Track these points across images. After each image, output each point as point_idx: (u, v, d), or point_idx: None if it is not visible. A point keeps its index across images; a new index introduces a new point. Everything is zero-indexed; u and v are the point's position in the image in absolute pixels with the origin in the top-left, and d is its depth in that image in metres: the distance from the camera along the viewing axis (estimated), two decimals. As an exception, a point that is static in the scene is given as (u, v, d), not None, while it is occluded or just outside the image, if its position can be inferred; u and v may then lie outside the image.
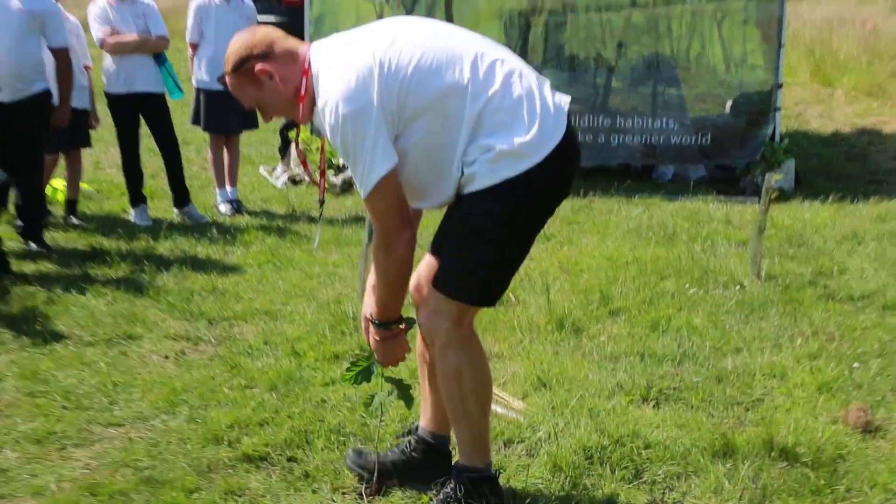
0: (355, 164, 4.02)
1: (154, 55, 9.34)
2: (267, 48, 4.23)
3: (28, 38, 8.14)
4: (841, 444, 5.09)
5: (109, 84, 9.31)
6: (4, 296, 7.40)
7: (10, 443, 5.20)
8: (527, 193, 4.14)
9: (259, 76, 4.23)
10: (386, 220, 4.06)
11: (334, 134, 4.01)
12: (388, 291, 4.21)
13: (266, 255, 8.31)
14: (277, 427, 5.29)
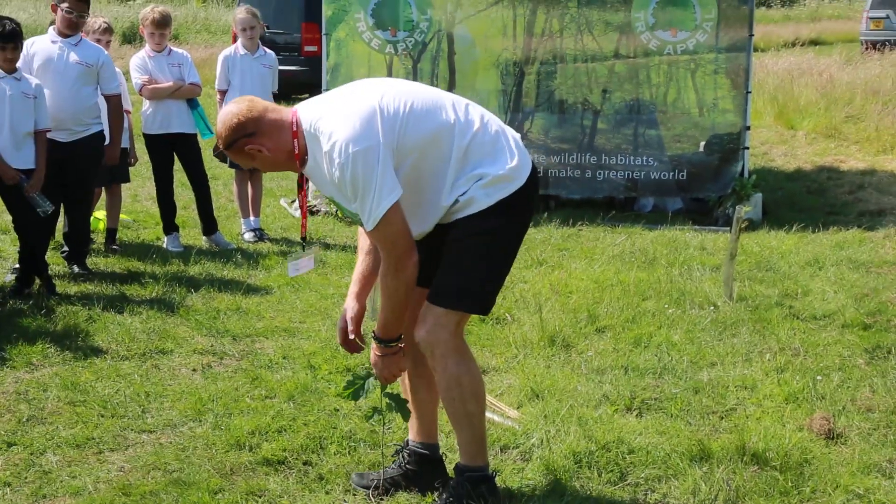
0: (364, 198, 4.04)
1: (187, 100, 9.37)
2: (253, 127, 4.22)
3: (84, 86, 8.28)
4: (806, 449, 5.09)
5: (147, 126, 9.34)
6: (50, 314, 7.40)
7: (53, 447, 5.22)
8: (517, 210, 4.30)
9: (250, 152, 4.26)
10: (397, 246, 4.09)
11: (343, 172, 4.03)
12: (393, 312, 4.23)
13: (285, 278, 8.27)
14: (294, 433, 5.30)
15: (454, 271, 4.30)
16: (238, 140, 4.23)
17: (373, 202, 4.01)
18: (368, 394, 4.62)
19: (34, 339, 6.83)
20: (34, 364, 6.43)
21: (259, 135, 4.22)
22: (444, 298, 4.28)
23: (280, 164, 4.41)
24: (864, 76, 19.65)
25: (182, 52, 9.63)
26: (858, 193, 11.86)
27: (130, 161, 9.54)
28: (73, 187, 8.27)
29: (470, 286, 4.30)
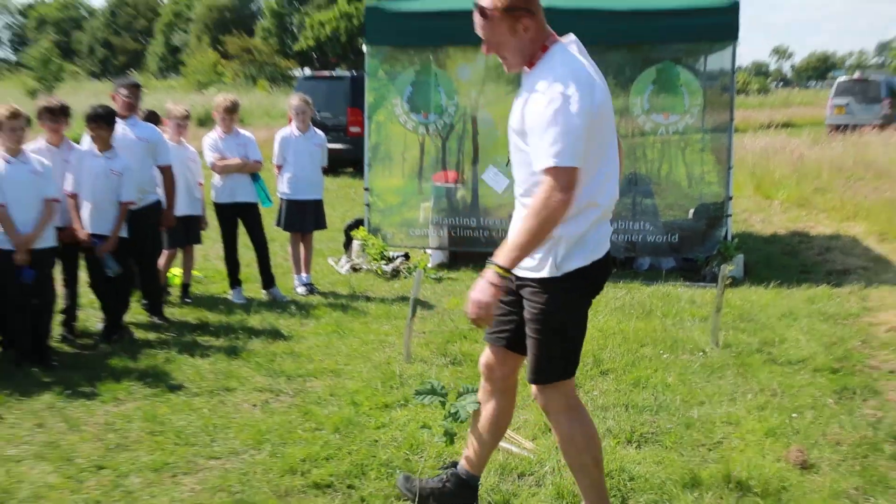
0: (554, 128, 3.75)
1: (251, 174, 9.43)
2: (536, 7, 3.98)
3: (143, 160, 8.31)
4: (784, 478, 5.08)
5: (217, 196, 9.39)
6: (134, 356, 7.42)
7: (135, 471, 5.24)
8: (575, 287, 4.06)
9: (518, 27, 3.94)
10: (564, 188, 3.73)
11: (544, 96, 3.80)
12: (529, 245, 3.79)
13: (332, 326, 8.30)
14: (339, 461, 5.30)
15: (532, 353, 4.15)
16: (520, 7, 3.92)
17: (560, 143, 3.71)
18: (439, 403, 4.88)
19: (120, 377, 6.87)
20: (120, 399, 6.46)
21: (534, 20, 3.94)
22: (533, 377, 4.17)
23: (512, 53, 4.03)
24: (829, 155, 19.74)
25: (247, 133, 9.71)
26: (826, 255, 11.83)
27: (202, 226, 9.61)
28: (139, 249, 8.28)
29: (546, 364, 4.14)
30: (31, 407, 6.31)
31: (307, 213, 9.85)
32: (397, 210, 11.51)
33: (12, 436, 5.80)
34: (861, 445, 5.58)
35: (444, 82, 11.15)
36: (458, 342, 7.81)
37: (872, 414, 6.14)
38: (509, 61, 4.08)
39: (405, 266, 10.84)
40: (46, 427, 5.95)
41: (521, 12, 3.91)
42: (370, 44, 11.27)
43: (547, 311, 4.02)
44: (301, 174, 9.80)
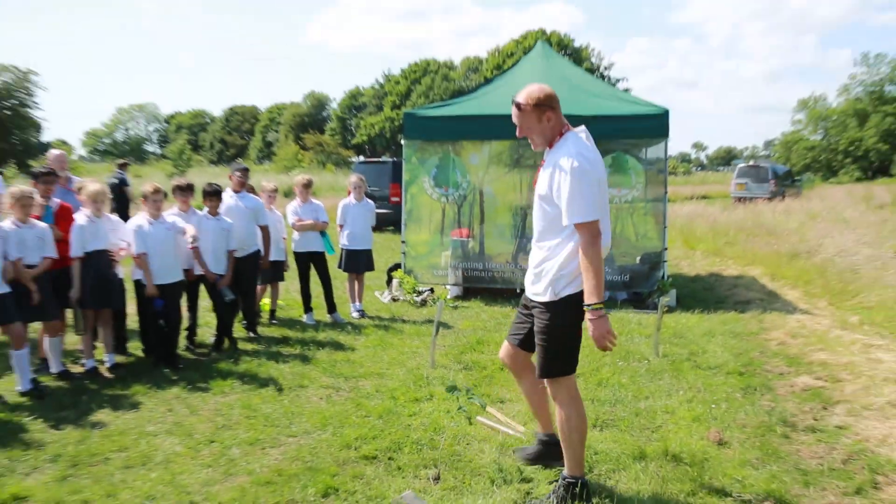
0: (580, 193, 3.88)
1: (320, 231, 9.45)
2: (557, 106, 4.12)
3: (249, 222, 8.36)
4: (706, 451, 5.03)
5: (295, 246, 9.40)
6: (236, 361, 7.40)
7: (236, 444, 5.24)
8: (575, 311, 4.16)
9: (544, 118, 4.10)
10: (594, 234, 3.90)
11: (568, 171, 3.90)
12: (595, 276, 3.89)
13: (378, 340, 8.26)
14: (382, 439, 5.26)
15: (539, 355, 4.25)
16: (545, 105, 4.09)
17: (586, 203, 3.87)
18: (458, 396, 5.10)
19: (226, 376, 6.86)
20: (225, 392, 6.44)
21: (555, 114, 4.11)
22: (541, 374, 4.25)
23: (538, 136, 4.16)
24: (734, 218, 19.76)
25: (318, 202, 9.73)
26: (734, 290, 11.72)
27: (285, 268, 9.61)
28: (244, 284, 8.32)
29: (550, 364, 4.22)
30: (164, 396, 6.31)
31: (360, 258, 9.85)
32: (425, 257, 11.49)
33: (150, 417, 5.81)
34: (760, 428, 5.52)
35: (459, 166, 11.18)
36: (469, 353, 7.75)
37: (768, 405, 6.06)
38: (536, 142, 4.19)
39: (431, 297, 10.80)
40: (174, 411, 5.96)
41: (545, 108, 4.09)
42: (406, 138, 11.33)
43: (549, 325, 4.16)
44: (356, 231, 9.81)
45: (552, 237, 4.11)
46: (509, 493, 4.42)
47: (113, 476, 4.73)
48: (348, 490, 4.48)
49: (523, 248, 11.01)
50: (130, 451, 5.11)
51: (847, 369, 7.02)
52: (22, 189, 6.56)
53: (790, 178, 35.32)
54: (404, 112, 11.34)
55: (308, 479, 4.61)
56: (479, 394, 6.18)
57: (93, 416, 5.82)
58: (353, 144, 79.65)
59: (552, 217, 4.08)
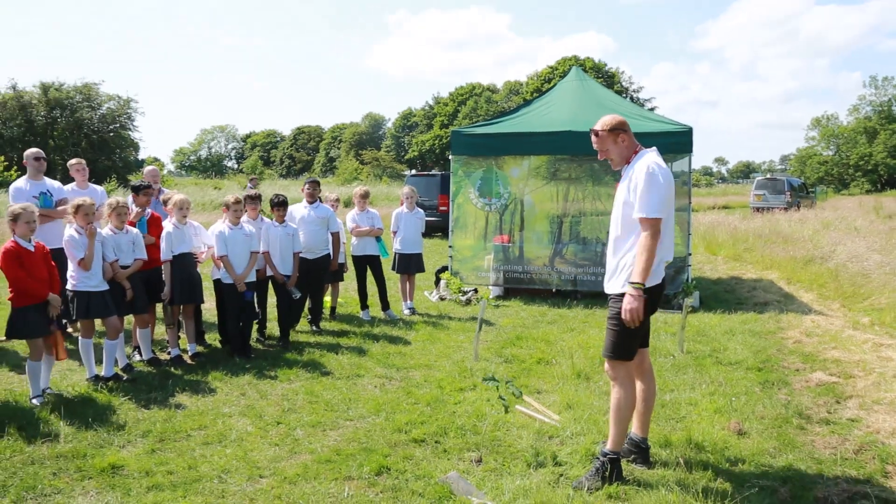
0: (648, 193, 4.03)
1: (376, 237, 9.49)
2: (628, 129, 4.30)
3: (320, 229, 8.46)
4: (727, 440, 4.93)
5: (353, 251, 9.46)
6: (301, 352, 7.45)
7: (300, 426, 5.26)
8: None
9: (618, 140, 4.30)
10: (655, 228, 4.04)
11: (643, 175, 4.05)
12: (647, 262, 4.03)
13: (427, 335, 8.25)
14: (430, 425, 5.24)
15: (607, 337, 4.28)
16: (619, 129, 4.29)
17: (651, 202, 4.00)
18: (497, 387, 4.97)
19: (291, 366, 6.91)
20: (291, 380, 6.49)
21: (627, 136, 4.29)
22: (606, 353, 4.29)
23: (614, 157, 4.34)
24: (753, 226, 19.37)
25: (374, 211, 9.76)
26: (753, 292, 11.47)
27: (345, 270, 9.66)
28: (313, 283, 8.38)
29: (614, 346, 4.24)
30: (237, 382, 6.38)
31: (412, 261, 9.86)
32: (470, 260, 11.45)
33: (226, 400, 5.88)
34: (777, 419, 5.38)
35: (501, 178, 11.13)
36: (509, 347, 7.69)
37: (784, 398, 5.90)
38: (614, 161, 4.38)
39: (475, 297, 10.76)
40: (246, 396, 6.02)
41: (619, 131, 4.30)
42: (454, 154, 11.32)
43: (618, 313, 4.17)
44: (408, 236, 9.82)
45: (629, 237, 4.23)
46: (545, 475, 4.37)
47: (194, 451, 4.80)
48: (399, 469, 4.47)
49: (559, 253, 10.92)
50: (208, 430, 5.17)
51: (859, 366, 6.82)
52: (118, 200, 6.73)
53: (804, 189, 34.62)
54: (452, 130, 11.34)
55: (363, 459, 4.61)
56: (518, 385, 6.13)
57: (176, 398, 5.92)
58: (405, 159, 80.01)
59: (633, 221, 4.20)
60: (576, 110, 10.99)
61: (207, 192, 36.31)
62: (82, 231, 6.25)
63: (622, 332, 4.21)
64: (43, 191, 7.84)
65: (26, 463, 4.60)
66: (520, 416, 5.43)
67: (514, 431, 5.12)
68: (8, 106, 44.07)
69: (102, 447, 4.86)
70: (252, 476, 4.42)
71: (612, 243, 4.35)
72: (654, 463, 4.52)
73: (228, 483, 4.33)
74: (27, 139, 42.47)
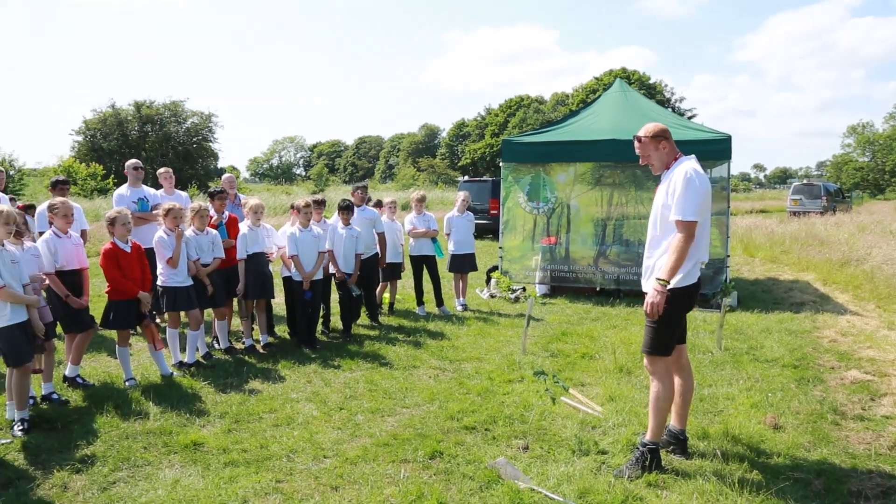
0: (685, 197, 3.96)
1: (431, 238, 9.50)
2: (669, 137, 4.25)
3: (369, 229, 8.48)
4: (763, 434, 4.79)
5: (411, 251, 9.50)
6: (361, 344, 7.52)
7: (361, 411, 5.30)
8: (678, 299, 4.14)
9: (660, 147, 4.25)
10: (689, 231, 4.00)
11: (681, 179, 4.00)
12: (677, 262, 3.99)
13: (478, 330, 8.24)
14: (480, 413, 5.23)
15: (646, 334, 4.22)
16: (660, 136, 4.23)
17: (688, 206, 3.95)
18: (545, 379, 4.77)
19: (353, 356, 6.97)
20: (353, 369, 6.55)
21: (668, 143, 4.24)
22: (645, 349, 4.23)
23: (655, 162, 4.28)
24: (789, 230, 18.78)
25: (430, 213, 9.79)
26: (789, 293, 11.11)
27: (402, 269, 9.68)
28: (367, 281, 8.41)
29: (652, 342, 4.19)
30: (304, 371, 6.47)
31: (465, 261, 9.84)
32: (519, 260, 11.39)
33: (293, 387, 5.96)
34: (812, 415, 5.21)
35: (548, 183, 11.04)
36: (555, 343, 7.62)
37: (819, 395, 5.70)
38: (655, 166, 4.31)
39: (523, 295, 10.71)
40: (312, 383, 6.10)
41: (660, 138, 4.25)
42: (504, 161, 11.28)
43: None
44: (461, 238, 9.81)
45: (665, 238, 4.16)
46: (588, 463, 4.32)
47: (265, 432, 4.89)
48: (451, 454, 4.48)
49: (603, 253, 10.78)
50: (278, 413, 5.26)
51: (893, 365, 6.56)
52: (200, 205, 6.92)
53: (840, 194, 33.35)
54: (502, 139, 11.30)
55: (418, 443, 4.63)
56: (563, 378, 6.08)
57: (250, 384, 6.04)
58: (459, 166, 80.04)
59: (669, 223, 4.13)
60: (619, 120, 10.82)
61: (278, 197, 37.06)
62: (171, 233, 6.46)
63: (659, 328, 4.15)
64: (141, 196, 8.25)
65: (121, 437, 4.78)
66: (564, 407, 5.38)
67: (559, 421, 5.07)
68: (107, 122, 46.34)
69: (185, 426, 5.00)
70: (317, 456, 4.48)
71: (649, 243, 4.28)
72: (691, 454, 4.43)
73: (296, 462, 4.40)
74: (123, 151, 44.58)
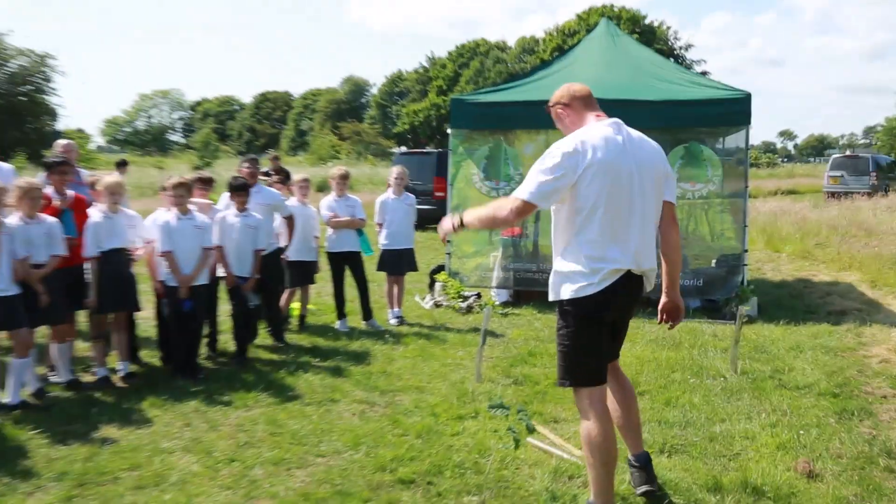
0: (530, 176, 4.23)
1: (357, 229, 9.50)
2: (569, 101, 4.47)
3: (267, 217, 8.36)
4: (793, 485, 4.89)
5: (329, 246, 9.47)
6: (261, 372, 7.44)
7: (259, 463, 5.27)
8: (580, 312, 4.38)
9: (559, 116, 4.55)
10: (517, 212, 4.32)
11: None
12: (483, 224, 4.55)
13: (418, 351, 8.25)
14: (421, 462, 5.24)
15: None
16: (558, 102, 4.51)
17: (529, 183, 4.19)
18: (506, 415, 4.63)
19: (249, 388, 6.91)
20: (249, 406, 6.48)
21: (569, 110, 4.48)
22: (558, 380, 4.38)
23: (563, 130, 4.51)
24: (826, 216, 19.43)
25: (355, 197, 9.79)
26: (826, 298, 11.48)
27: (317, 270, 9.65)
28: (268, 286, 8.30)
29: (559, 369, 4.35)
30: (181, 410, 6.38)
31: (401, 259, 9.86)
32: (472, 258, 11.47)
33: (166, 432, 5.87)
34: (859, 459, 5.35)
35: (511, 157, 11.14)
36: (520, 366, 7.68)
37: (868, 432, 5.88)
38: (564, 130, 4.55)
39: (477, 303, 10.77)
40: (192, 426, 6.02)
41: (557, 105, 4.53)
42: (454, 127, 11.32)
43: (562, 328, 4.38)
44: (397, 229, 9.82)
45: (558, 234, 4.50)
46: (564, 526, 4.36)
47: (123, 497, 4.77)
48: (382, 518, 4.47)
49: (583, 250, 10.93)
50: (143, 470, 5.15)
51: (960, 391, 6.80)
52: (30, 182, 6.68)
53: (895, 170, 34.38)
54: (451, 98, 11.36)
55: (338, 506, 4.60)
56: (531, 412, 6.11)
57: (103, 431, 5.90)
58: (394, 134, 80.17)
59: (556, 220, 4.45)
60: (604, 74, 10.93)
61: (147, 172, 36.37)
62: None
63: (566, 350, 4.28)
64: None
65: None
66: (533, 452, 5.41)
67: (525, 470, 5.11)
68: None
69: (2, 496, 4.83)
70: (197, 527, 4.40)
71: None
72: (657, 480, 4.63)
73: (167, 536, 4.31)
74: None
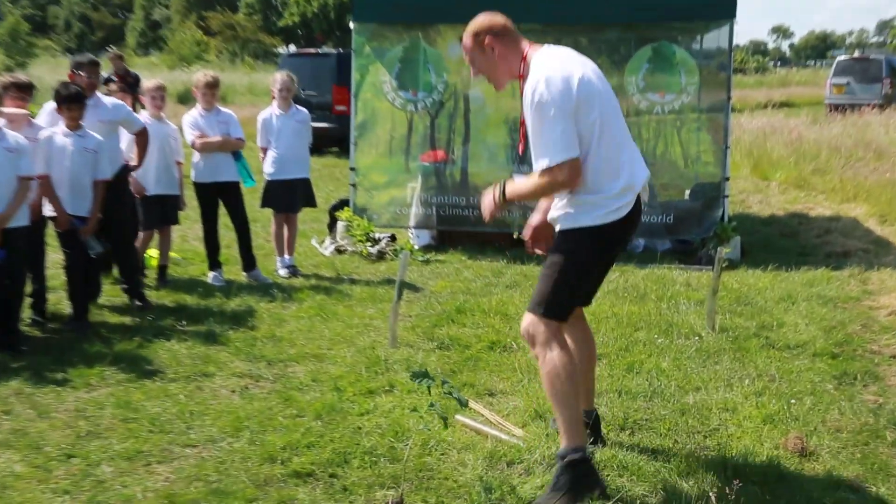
0: (538, 140, 4.52)
1: (232, 153, 9.38)
2: (502, 31, 4.68)
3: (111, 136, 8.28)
4: (782, 466, 5.05)
5: (197, 175, 9.35)
6: (108, 340, 7.38)
7: (107, 459, 5.20)
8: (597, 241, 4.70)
9: (486, 49, 4.69)
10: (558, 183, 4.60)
11: (530, 103, 4.44)
12: (530, 194, 4.93)
13: (315, 310, 8.25)
14: (321, 449, 5.26)
15: (539, 282, 4.69)
16: (484, 32, 4.68)
17: (546, 149, 4.47)
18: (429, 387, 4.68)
19: (92, 362, 6.82)
20: (92, 385, 6.41)
21: (502, 37, 4.67)
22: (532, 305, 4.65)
23: (494, 71, 4.76)
24: (828, 135, 19.72)
25: (228, 111, 9.67)
26: (826, 237, 11.80)
27: (181, 206, 9.53)
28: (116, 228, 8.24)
29: (545, 299, 4.60)
30: None
31: (296, 192, 9.80)
32: (384, 190, 11.45)
33: (-23, 423, 5.77)
34: (862, 432, 5.54)
35: (433, 60, 11.10)
36: (445, 326, 7.75)
37: (873, 400, 6.10)
38: (496, 80, 4.84)
39: (391, 248, 10.80)
40: (14, 414, 5.91)
41: (483, 35, 4.70)
42: (358, 20, 11.22)
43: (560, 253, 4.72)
44: (287, 153, 9.73)
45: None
46: (501, 524, 4.45)
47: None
48: (271, 523, 4.50)
49: (525, 177, 10.99)
50: (-49, 472, 5.07)
51: (985, 350, 7.06)
52: None
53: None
54: (353, -20, 11.20)
55: (213, 508, 4.62)
56: (460, 383, 6.18)
57: None
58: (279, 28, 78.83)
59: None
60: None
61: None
62: None
63: (563, 279, 4.61)
64: None
65: None
66: (462, 433, 5.48)
67: (452, 456, 5.16)
68: None
69: None
70: (27, 541, 4.38)
71: None
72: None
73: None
74: None
